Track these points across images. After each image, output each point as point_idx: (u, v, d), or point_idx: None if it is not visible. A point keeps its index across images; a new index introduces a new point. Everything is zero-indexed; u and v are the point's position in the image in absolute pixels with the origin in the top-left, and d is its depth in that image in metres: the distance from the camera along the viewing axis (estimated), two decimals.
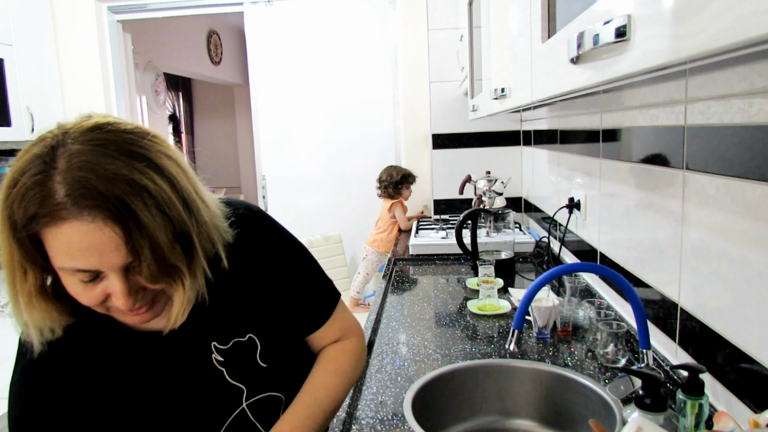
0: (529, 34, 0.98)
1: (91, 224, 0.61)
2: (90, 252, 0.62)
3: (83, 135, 0.64)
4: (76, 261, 0.63)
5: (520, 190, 2.87)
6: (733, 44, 0.37)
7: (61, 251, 0.63)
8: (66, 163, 0.62)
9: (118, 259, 0.63)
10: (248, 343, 0.85)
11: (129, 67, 3.59)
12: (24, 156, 0.65)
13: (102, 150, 0.63)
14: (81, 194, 0.60)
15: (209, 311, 0.81)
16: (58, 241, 0.62)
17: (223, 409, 0.84)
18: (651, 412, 0.80)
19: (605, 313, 1.29)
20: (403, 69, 3.08)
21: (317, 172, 3.30)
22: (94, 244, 0.62)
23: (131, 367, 0.80)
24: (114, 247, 0.62)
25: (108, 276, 0.66)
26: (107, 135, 0.65)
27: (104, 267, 0.64)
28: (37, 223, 0.62)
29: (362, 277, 2.98)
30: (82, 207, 0.60)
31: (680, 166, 1.02)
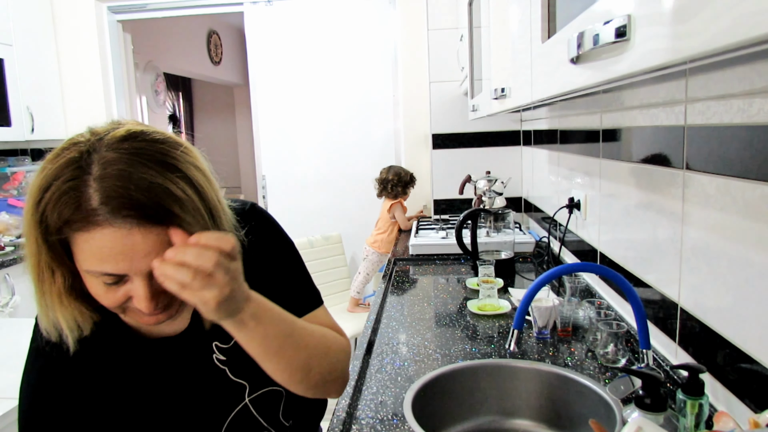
0: (529, 34, 0.98)
1: (125, 230, 0.62)
2: (122, 257, 0.64)
3: (117, 143, 0.65)
4: (106, 265, 0.64)
5: (520, 190, 2.87)
6: (733, 44, 0.37)
7: (91, 255, 0.64)
8: (101, 171, 0.63)
9: (147, 264, 0.65)
10: None
11: (129, 67, 3.59)
12: (57, 160, 0.65)
13: (136, 159, 0.64)
14: (117, 202, 0.62)
15: None
16: (89, 246, 0.63)
17: (226, 406, 0.85)
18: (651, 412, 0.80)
19: (605, 313, 1.29)
20: (403, 69, 3.08)
21: (317, 172, 3.30)
22: (126, 250, 0.63)
23: (136, 368, 0.81)
24: (145, 252, 0.64)
25: (133, 279, 0.67)
26: (141, 144, 0.66)
27: (133, 272, 0.65)
28: (70, 227, 0.63)
29: (362, 277, 2.98)
30: (116, 214, 0.62)
31: (680, 166, 1.02)
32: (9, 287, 2.52)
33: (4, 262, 2.49)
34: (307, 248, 3.03)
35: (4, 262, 2.49)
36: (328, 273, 3.09)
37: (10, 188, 3.14)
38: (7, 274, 2.52)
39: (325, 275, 3.07)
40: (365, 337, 1.39)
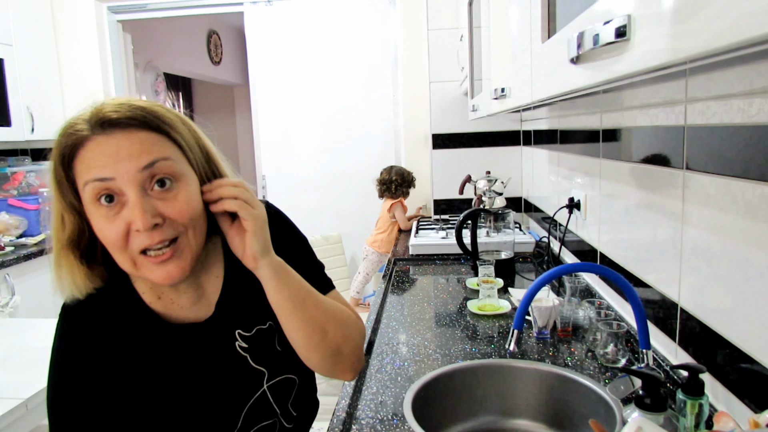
0: (529, 34, 0.98)
1: (113, 136, 0.72)
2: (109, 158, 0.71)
3: (119, 98, 0.77)
4: (96, 170, 0.71)
5: (520, 190, 2.87)
6: (733, 44, 0.37)
7: (86, 168, 0.72)
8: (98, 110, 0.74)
9: (133, 163, 0.71)
10: (268, 330, 0.91)
11: (129, 67, 3.59)
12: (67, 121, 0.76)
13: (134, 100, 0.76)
14: (107, 118, 0.72)
15: (233, 299, 0.87)
16: (85, 162, 0.72)
17: (246, 391, 0.89)
18: (651, 412, 0.80)
19: (605, 313, 1.28)
20: (403, 69, 3.08)
21: (317, 172, 3.30)
22: (113, 152, 0.71)
23: (161, 353, 0.84)
24: (130, 153, 0.71)
25: (126, 195, 0.71)
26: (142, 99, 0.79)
27: (119, 174, 0.71)
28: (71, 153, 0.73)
29: (362, 277, 2.98)
30: (105, 126, 0.72)
31: (680, 166, 1.02)
32: (9, 287, 2.52)
33: (4, 262, 2.49)
34: None
35: (4, 262, 2.49)
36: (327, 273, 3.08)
37: (10, 188, 3.14)
38: (7, 274, 2.52)
39: None
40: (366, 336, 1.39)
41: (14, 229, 2.94)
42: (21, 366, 1.47)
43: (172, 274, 0.75)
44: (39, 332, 1.77)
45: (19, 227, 2.98)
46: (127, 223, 0.72)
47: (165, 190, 0.74)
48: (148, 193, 0.72)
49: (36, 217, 3.06)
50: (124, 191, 0.71)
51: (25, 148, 3.34)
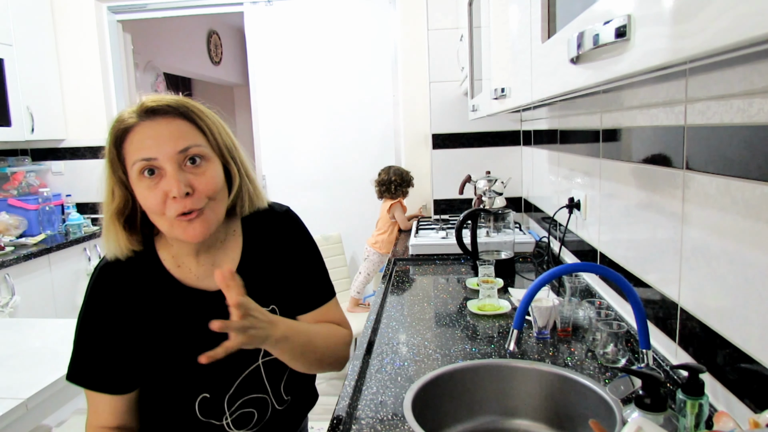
0: (529, 34, 0.98)
1: (153, 122, 0.89)
2: (152, 141, 0.88)
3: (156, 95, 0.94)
4: (143, 151, 0.87)
5: (520, 190, 2.87)
6: (733, 44, 0.37)
7: (133, 150, 0.88)
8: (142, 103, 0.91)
9: (171, 146, 0.88)
10: (270, 312, 0.97)
11: (129, 67, 3.59)
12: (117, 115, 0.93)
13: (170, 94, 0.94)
14: (149, 109, 0.90)
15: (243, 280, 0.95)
16: (132, 144, 0.89)
17: (242, 363, 1.01)
18: (651, 412, 0.80)
19: (605, 313, 1.28)
20: (403, 69, 3.08)
21: (317, 172, 3.30)
22: (155, 135, 0.88)
23: (175, 310, 0.98)
24: (169, 136, 0.88)
25: (165, 170, 0.88)
26: None
27: (161, 154, 0.87)
28: (120, 134, 0.90)
29: (363, 278, 2.98)
30: (148, 114, 0.90)
31: (680, 166, 1.02)
32: (9, 287, 2.52)
33: (4, 262, 2.49)
34: None
35: (4, 262, 2.49)
36: None
37: (10, 188, 3.14)
38: (7, 274, 2.52)
39: None
40: (365, 337, 1.39)
41: (14, 229, 2.94)
42: (21, 366, 1.47)
43: (198, 232, 0.90)
44: (39, 332, 1.77)
45: (19, 227, 2.98)
46: (165, 192, 0.88)
47: (196, 167, 0.90)
48: (182, 168, 0.89)
49: (36, 217, 3.06)
50: (164, 167, 0.88)
51: (25, 148, 3.34)
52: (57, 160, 3.35)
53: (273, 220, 1.09)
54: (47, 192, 3.13)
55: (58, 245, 2.85)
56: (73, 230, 3.07)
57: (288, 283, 1.07)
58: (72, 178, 3.36)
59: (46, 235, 3.05)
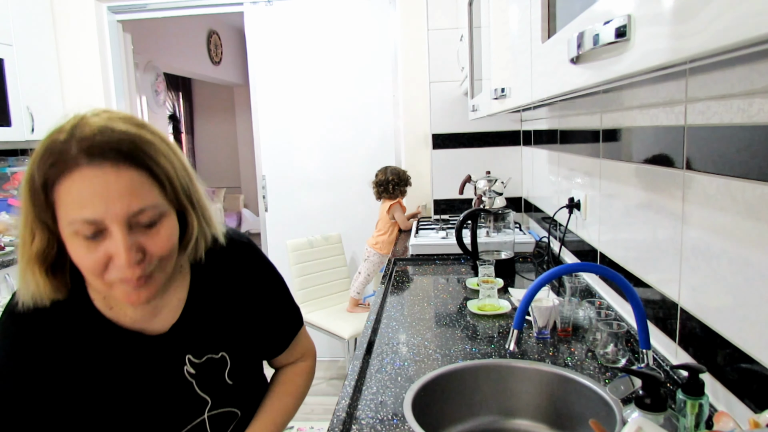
0: (529, 34, 0.98)
1: (99, 170, 0.69)
2: (98, 199, 0.69)
3: (101, 112, 0.75)
4: (85, 210, 0.69)
5: (520, 190, 2.87)
6: (733, 44, 0.37)
7: (71, 202, 0.69)
8: (82, 131, 0.71)
9: (122, 208, 0.70)
10: (220, 360, 0.92)
11: (129, 67, 3.59)
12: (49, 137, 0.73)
13: (115, 119, 0.74)
14: (93, 147, 0.69)
15: (189, 325, 0.88)
16: (69, 194, 0.69)
17: (186, 417, 0.90)
18: (651, 412, 0.80)
19: (605, 313, 1.28)
20: (403, 69, 3.08)
21: (317, 172, 3.30)
22: (102, 190, 0.69)
23: (110, 362, 0.84)
24: (119, 193, 0.70)
25: (111, 231, 0.71)
26: (121, 113, 0.76)
27: (109, 216, 0.69)
28: (53, 177, 0.69)
29: (363, 278, 2.98)
30: (92, 156, 0.69)
31: (680, 166, 1.02)
32: (9, 287, 2.52)
33: (4, 262, 2.49)
34: (306, 248, 3.03)
35: (4, 262, 2.49)
36: (327, 273, 3.09)
37: (10, 188, 3.14)
38: (7, 274, 2.52)
39: (325, 275, 3.07)
40: (365, 337, 1.39)
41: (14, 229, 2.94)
42: None
43: (143, 298, 0.76)
44: None
45: None
46: (109, 255, 0.72)
47: (149, 228, 0.74)
48: (132, 230, 0.72)
49: None
50: (110, 228, 0.71)
51: (25, 148, 3.34)
52: None
53: (227, 255, 0.93)
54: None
55: None
56: None
57: (248, 327, 0.96)
58: None
59: None
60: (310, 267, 3.01)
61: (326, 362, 3.39)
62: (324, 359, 3.40)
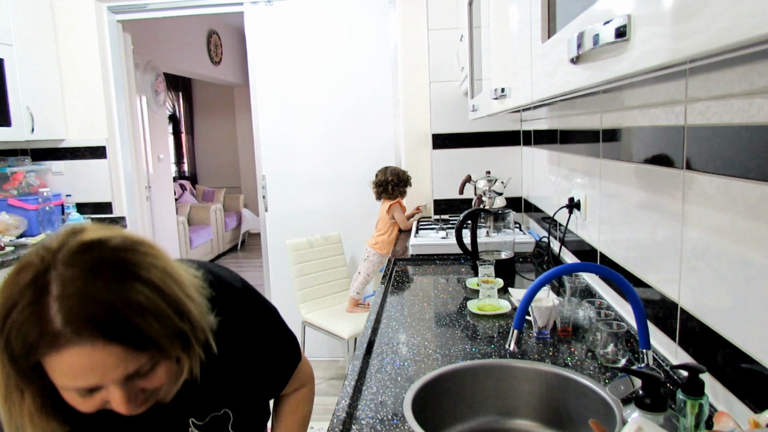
0: (529, 34, 0.98)
1: (90, 348, 0.62)
2: (92, 372, 0.64)
3: (74, 257, 0.64)
4: (79, 381, 0.64)
5: (520, 190, 2.87)
6: (733, 44, 0.37)
7: (62, 374, 0.64)
8: (60, 290, 0.62)
9: (119, 374, 0.65)
10: (223, 417, 0.90)
11: (129, 67, 3.59)
12: (13, 284, 0.64)
13: (94, 273, 0.64)
14: (79, 322, 0.61)
15: (191, 391, 0.84)
16: (59, 366, 0.63)
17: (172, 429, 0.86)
18: (651, 412, 0.80)
19: (605, 313, 1.28)
20: (403, 69, 3.08)
21: (317, 172, 3.30)
22: (95, 365, 0.64)
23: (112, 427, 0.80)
24: (115, 364, 0.64)
25: (108, 388, 0.67)
26: (97, 255, 0.66)
27: (106, 382, 0.66)
28: (37, 353, 0.63)
29: (363, 278, 2.98)
30: (81, 334, 0.62)
31: (680, 166, 1.02)
32: None
33: (4, 262, 2.49)
34: (306, 248, 3.03)
35: (4, 262, 2.49)
36: (327, 273, 3.09)
37: (10, 188, 3.14)
38: None
39: (325, 275, 3.07)
40: (365, 337, 1.39)
41: (14, 229, 2.94)
42: None
43: (140, 411, 0.73)
44: None
45: (19, 227, 2.98)
46: (106, 401, 0.68)
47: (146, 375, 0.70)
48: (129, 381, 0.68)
49: (36, 217, 3.06)
50: (107, 386, 0.67)
51: (25, 148, 3.34)
52: (57, 160, 3.35)
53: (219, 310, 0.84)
54: (47, 192, 3.14)
55: None
56: None
57: (249, 377, 0.93)
58: (72, 178, 3.36)
59: (46, 235, 3.05)
60: (309, 267, 3.01)
61: (326, 362, 3.39)
62: (324, 359, 3.40)
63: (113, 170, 3.36)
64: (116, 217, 3.37)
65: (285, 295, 3.33)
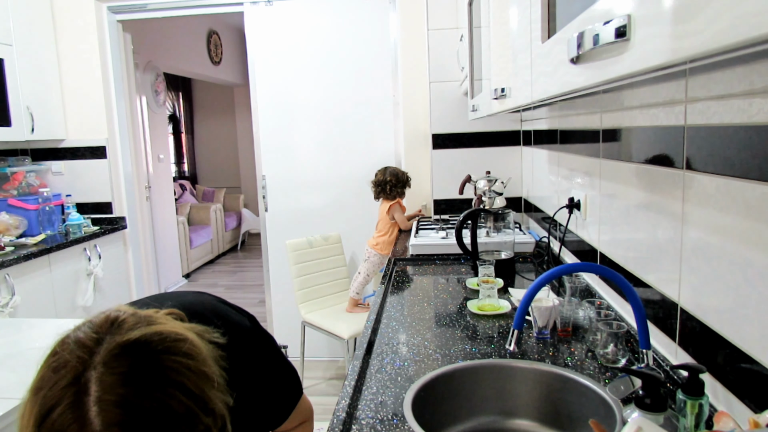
0: (529, 34, 0.98)
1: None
2: None
3: (112, 360, 0.65)
4: None
5: (520, 190, 2.87)
6: (733, 44, 0.37)
7: None
8: (99, 392, 0.63)
9: None
10: None
11: (129, 67, 3.59)
12: (51, 384, 0.65)
13: (133, 379, 0.65)
14: (117, 427, 0.62)
15: None
16: None
17: None
18: (651, 412, 0.80)
19: (605, 313, 1.28)
20: (403, 69, 3.08)
21: (317, 172, 3.30)
22: None
23: None
24: None
25: None
26: (136, 360, 0.67)
27: None
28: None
29: (362, 278, 2.98)
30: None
31: (680, 166, 1.02)
32: (9, 287, 2.52)
33: (4, 262, 2.49)
34: (306, 248, 3.03)
35: (4, 262, 2.49)
36: (327, 273, 3.09)
37: (10, 188, 3.14)
38: (7, 274, 2.52)
39: (325, 275, 3.07)
40: (365, 337, 1.39)
41: (14, 229, 2.94)
42: (21, 366, 1.47)
43: None
44: (39, 332, 1.76)
45: (19, 227, 2.98)
46: None
47: None
48: None
49: (36, 217, 3.06)
50: None
51: (25, 148, 3.34)
52: (57, 160, 3.35)
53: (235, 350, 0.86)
54: (47, 192, 3.13)
55: (58, 245, 2.85)
56: (73, 230, 3.07)
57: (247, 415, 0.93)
58: (72, 178, 3.36)
59: (46, 235, 3.05)
60: (309, 267, 3.01)
61: (326, 362, 3.39)
62: (323, 359, 3.40)
63: (113, 170, 3.36)
64: (116, 217, 3.37)
65: (285, 295, 3.33)
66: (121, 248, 3.43)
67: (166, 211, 5.21)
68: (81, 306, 3.02)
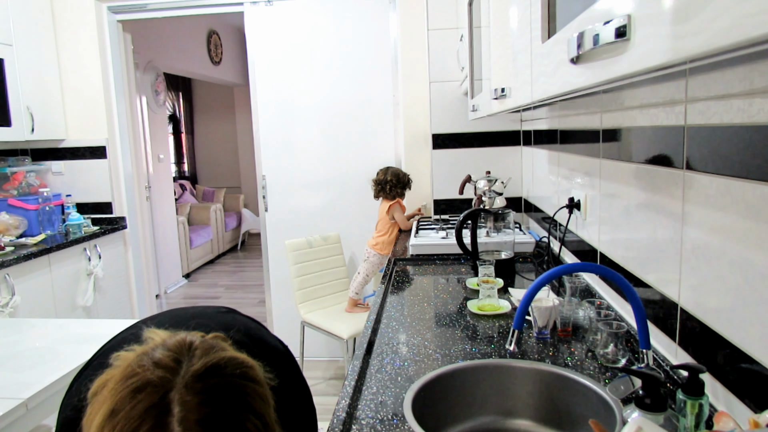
0: (529, 34, 0.98)
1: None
2: None
3: (194, 383, 0.67)
4: None
5: (520, 190, 2.87)
6: (733, 44, 0.37)
7: None
8: (182, 413, 0.64)
9: None
10: None
11: (129, 67, 3.59)
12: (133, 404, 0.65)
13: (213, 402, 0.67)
14: None
15: None
16: None
17: None
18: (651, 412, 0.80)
19: (605, 313, 1.28)
20: (403, 69, 3.08)
21: (317, 172, 3.30)
22: None
23: None
24: None
25: None
26: (215, 383, 0.68)
27: None
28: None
29: (362, 278, 2.98)
30: None
31: (680, 166, 1.02)
32: (9, 287, 2.52)
33: (4, 262, 2.49)
34: (305, 248, 3.03)
35: (4, 262, 2.49)
36: (326, 273, 3.09)
37: (10, 188, 3.14)
38: (7, 274, 2.52)
39: (324, 275, 3.07)
40: (365, 337, 1.39)
41: (14, 229, 2.94)
42: (21, 366, 1.47)
43: None
44: (39, 332, 1.77)
45: (19, 227, 2.98)
46: None
47: None
48: None
49: (36, 217, 3.06)
50: None
51: (25, 148, 3.34)
52: (57, 160, 3.35)
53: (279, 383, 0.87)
54: (47, 192, 3.13)
55: (58, 245, 2.85)
56: (73, 230, 3.07)
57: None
58: (72, 178, 3.36)
59: (46, 235, 3.05)
60: (309, 267, 3.01)
61: (325, 362, 3.39)
62: (323, 359, 3.40)
63: (113, 170, 3.36)
64: (116, 217, 3.37)
65: (285, 295, 3.33)
66: (121, 248, 3.43)
67: (166, 211, 5.21)
68: (81, 306, 3.02)
